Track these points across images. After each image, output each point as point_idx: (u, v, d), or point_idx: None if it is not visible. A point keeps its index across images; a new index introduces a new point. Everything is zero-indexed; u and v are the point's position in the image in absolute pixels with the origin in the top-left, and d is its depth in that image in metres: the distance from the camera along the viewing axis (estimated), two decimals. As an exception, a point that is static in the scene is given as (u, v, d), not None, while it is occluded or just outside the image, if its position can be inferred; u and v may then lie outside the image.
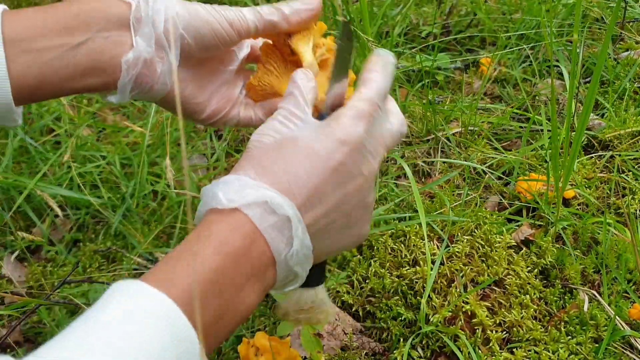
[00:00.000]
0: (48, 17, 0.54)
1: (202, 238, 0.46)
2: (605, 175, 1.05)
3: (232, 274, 0.45)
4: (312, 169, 0.49)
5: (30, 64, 0.53)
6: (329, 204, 0.50)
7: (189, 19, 0.57)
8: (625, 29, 1.44)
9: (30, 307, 0.89)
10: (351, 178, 0.51)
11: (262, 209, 0.46)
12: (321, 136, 0.51)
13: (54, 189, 1.06)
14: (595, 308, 0.83)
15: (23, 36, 0.53)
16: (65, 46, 0.54)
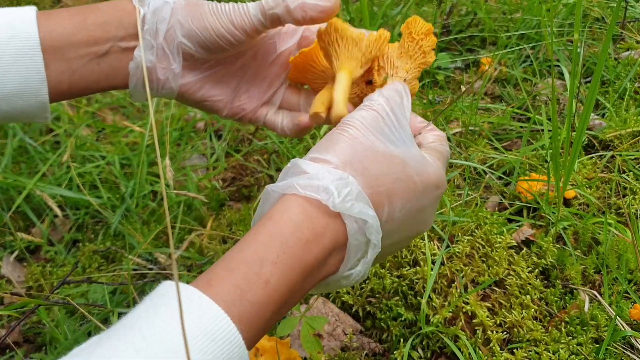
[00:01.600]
0: (78, 27, 0.58)
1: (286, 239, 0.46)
2: (606, 175, 1.05)
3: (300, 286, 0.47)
4: (409, 202, 0.53)
5: (63, 70, 0.59)
6: (398, 238, 0.55)
7: (190, 26, 0.59)
8: (626, 29, 1.44)
9: (30, 307, 0.89)
10: (425, 222, 0.57)
11: (358, 226, 0.49)
12: (425, 173, 0.54)
13: (54, 189, 1.05)
14: (596, 308, 0.83)
15: (57, 45, 0.58)
16: (91, 55, 0.59)
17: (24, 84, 0.56)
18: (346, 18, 1.36)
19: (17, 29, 0.56)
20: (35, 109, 0.59)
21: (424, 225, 0.58)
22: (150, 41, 0.60)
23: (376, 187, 0.50)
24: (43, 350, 0.87)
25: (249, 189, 1.11)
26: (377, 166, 0.51)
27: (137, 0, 0.61)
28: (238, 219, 1.03)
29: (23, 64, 0.56)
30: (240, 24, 0.58)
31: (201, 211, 1.05)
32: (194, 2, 0.60)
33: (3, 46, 0.55)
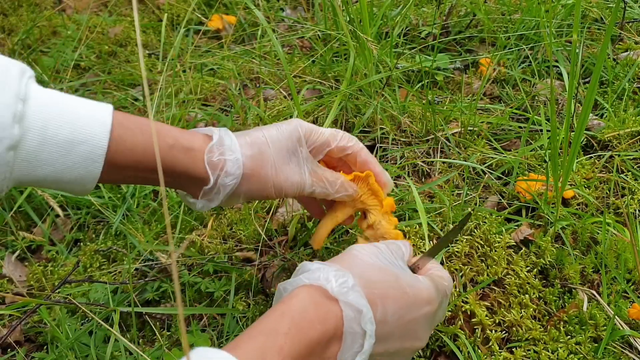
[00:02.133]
0: (149, 156, 0.63)
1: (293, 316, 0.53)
2: (605, 175, 1.06)
3: None
4: (401, 309, 0.59)
5: (118, 179, 0.65)
6: (392, 347, 0.59)
7: (252, 195, 0.70)
8: (625, 30, 1.45)
9: (31, 306, 0.90)
10: (417, 337, 0.62)
11: (354, 315, 0.55)
12: (417, 287, 0.62)
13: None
14: (595, 308, 0.83)
15: (120, 164, 0.62)
16: (150, 180, 0.66)
17: (79, 178, 0.60)
18: (345, 19, 1.37)
19: (91, 136, 0.58)
20: (80, 191, 0.62)
21: (418, 340, 0.62)
22: (211, 202, 0.69)
23: (371, 289, 0.57)
24: (44, 349, 0.88)
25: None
26: (373, 274, 0.60)
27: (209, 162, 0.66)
28: (238, 218, 1.03)
29: (85, 166, 0.59)
30: (292, 196, 0.72)
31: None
32: (259, 173, 0.68)
33: (73, 147, 0.58)
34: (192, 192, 0.69)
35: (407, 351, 0.62)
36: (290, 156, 0.70)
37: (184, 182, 0.68)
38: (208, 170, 0.66)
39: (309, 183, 0.72)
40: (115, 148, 0.60)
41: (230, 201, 0.71)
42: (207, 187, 0.67)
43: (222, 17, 1.64)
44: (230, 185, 0.67)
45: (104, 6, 1.87)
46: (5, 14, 1.87)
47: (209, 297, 0.91)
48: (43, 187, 0.64)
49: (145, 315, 0.90)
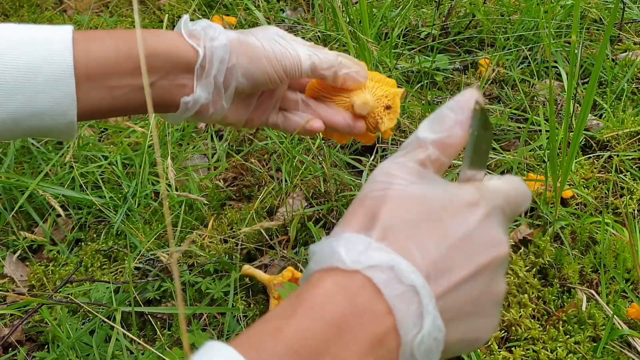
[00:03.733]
0: (121, 56, 0.59)
1: (301, 298, 0.38)
2: (603, 175, 1.06)
3: (334, 341, 0.36)
4: (442, 239, 0.41)
5: (104, 97, 0.60)
6: (459, 277, 0.40)
7: (248, 67, 0.63)
8: (624, 30, 1.45)
9: (33, 306, 0.90)
10: (482, 250, 0.42)
11: (387, 275, 0.38)
12: (452, 198, 0.42)
13: (56, 189, 1.06)
14: (594, 307, 0.84)
15: (99, 73, 0.58)
16: (135, 86, 0.60)
17: (55, 105, 0.57)
18: (345, 20, 1.37)
19: (53, 53, 0.56)
20: (64, 127, 0.59)
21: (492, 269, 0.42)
22: (208, 81, 0.63)
23: (396, 235, 0.40)
24: (45, 349, 0.88)
25: (249, 188, 1.12)
26: (392, 215, 0.41)
27: (190, 35, 0.62)
28: (239, 218, 1.03)
29: (56, 87, 0.56)
30: (291, 73, 0.65)
31: (202, 211, 1.06)
32: (248, 45, 0.63)
33: (38, 69, 0.55)
34: (180, 95, 0.63)
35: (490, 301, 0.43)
36: (272, 39, 0.65)
37: (169, 78, 0.62)
38: (190, 41, 0.62)
39: (304, 53, 0.65)
40: (85, 59, 0.57)
41: (228, 90, 0.64)
42: (198, 64, 0.62)
43: (222, 18, 1.64)
44: (220, 48, 0.62)
45: (105, 7, 1.87)
46: (7, 14, 1.87)
47: (209, 297, 0.91)
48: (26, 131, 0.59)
49: (147, 315, 0.90)
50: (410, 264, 0.38)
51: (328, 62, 0.66)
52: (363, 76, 0.69)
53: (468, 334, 0.43)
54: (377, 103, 0.70)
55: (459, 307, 0.41)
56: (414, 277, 0.38)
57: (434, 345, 0.38)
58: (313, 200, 1.06)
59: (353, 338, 0.36)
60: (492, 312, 0.44)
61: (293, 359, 0.35)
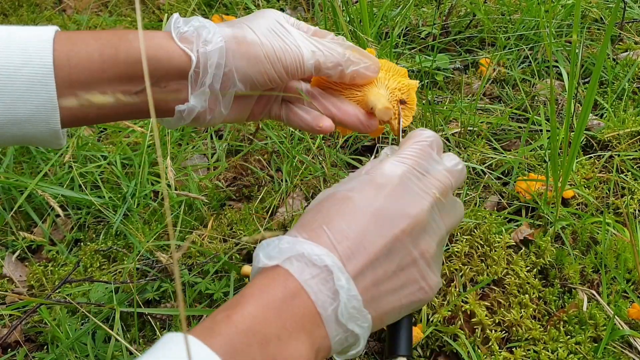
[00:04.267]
0: (107, 61, 0.54)
1: (243, 294, 0.45)
2: (604, 175, 1.06)
3: (274, 325, 0.43)
4: (351, 218, 0.46)
5: (89, 104, 0.55)
6: (375, 251, 0.46)
7: (247, 70, 0.58)
8: (625, 30, 1.45)
9: (31, 306, 0.90)
10: (395, 221, 0.47)
11: (301, 263, 0.45)
12: (359, 185, 0.49)
13: (55, 189, 1.06)
14: (594, 308, 0.83)
15: (82, 79, 0.54)
16: (124, 92, 0.56)
17: (36, 112, 0.53)
18: (345, 20, 1.37)
19: (32, 54, 0.52)
20: (47, 136, 0.55)
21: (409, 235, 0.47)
22: (203, 90, 0.58)
23: (310, 224, 0.47)
24: (44, 349, 0.88)
25: (249, 188, 1.12)
26: (309, 214, 0.49)
27: (181, 39, 0.58)
28: (239, 218, 1.03)
29: (35, 91, 0.52)
30: (293, 73, 0.59)
31: (202, 211, 1.06)
32: (245, 43, 0.58)
33: (16, 71, 0.52)
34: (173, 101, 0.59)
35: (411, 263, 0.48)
36: (272, 30, 0.59)
37: (160, 85, 0.58)
38: (181, 46, 0.56)
39: (307, 49, 0.59)
40: (67, 63, 0.53)
41: (226, 96, 0.60)
42: (192, 70, 0.57)
43: (222, 18, 1.64)
44: (215, 52, 0.57)
45: (104, 6, 1.87)
46: (6, 14, 1.87)
47: (209, 297, 0.91)
48: (8, 139, 0.55)
49: (147, 315, 0.90)
50: (318, 245, 0.45)
51: (334, 59, 0.60)
52: (374, 71, 0.63)
53: (403, 300, 0.48)
54: (391, 97, 0.64)
55: (382, 279, 0.46)
56: (325, 258, 0.44)
57: (355, 313, 0.45)
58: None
59: (287, 318, 0.43)
60: (422, 274, 0.49)
61: (243, 338, 0.41)
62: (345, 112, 0.64)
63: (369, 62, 0.62)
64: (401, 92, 0.65)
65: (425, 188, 0.50)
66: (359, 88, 0.65)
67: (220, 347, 0.40)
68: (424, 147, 0.52)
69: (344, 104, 0.65)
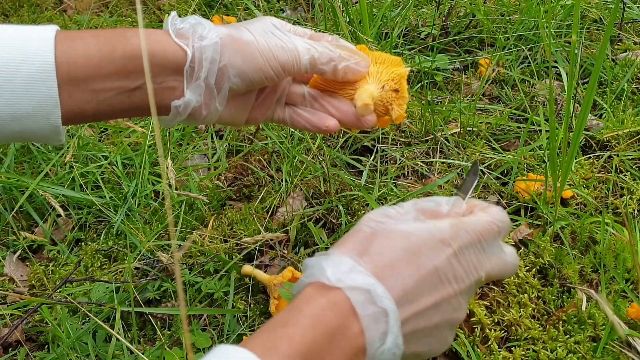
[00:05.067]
0: (104, 57, 0.55)
1: (301, 310, 0.46)
2: (603, 175, 1.06)
3: (326, 350, 0.44)
4: (416, 270, 0.49)
5: (89, 100, 0.56)
6: (423, 305, 0.49)
7: (242, 66, 0.59)
8: (624, 30, 1.45)
9: (32, 306, 0.90)
10: (447, 284, 0.50)
11: (364, 297, 0.46)
12: (427, 234, 0.50)
13: (56, 189, 1.06)
14: (593, 307, 0.84)
15: (82, 76, 0.55)
16: (121, 89, 0.57)
17: (37, 108, 0.54)
18: (345, 20, 1.37)
19: (32, 52, 0.53)
20: (48, 132, 0.56)
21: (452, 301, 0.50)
22: (198, 84, 0.59)
23: (376, 261, 0.49)
24: (45, 348, 0.88)
25: (249, 188, 1.12)
26: (379, 244, 0.50)
27: (177, 34, 0.59)
28: (239, 218, 1.03)
29: (36, 88, 0.53)
30: (289, 69, 0.60)
31: (202, 211, 1.06)
32: (241, 40, 0.59)
33: (17, 67, 0.52)
34: (170, 98, 0.60)
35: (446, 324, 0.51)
36: (268, 31, 0.61)
37: (157, 80, 0.59)
38: (177, 41, 0.58)
39: (302, 46, 0.61)
40: (66, 59, 0.54)
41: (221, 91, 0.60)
42: (187, 65, 0.58)
43: (222, 18, 1.64)
44: (210, 47, 0.58)
45: (105, 7, 1.87)
46: (7, 14, 1.87)
47: (209, 297, 0.91)
48: (9, 136, 0.56)
49: (147, 315, 0.90)
50: (385, 289, 0.46)
51: (327, 55, 0.62)
52: (364, 66, 0.65)
53: (422, 350, 0.51)
54: (384, 89, 0.66)
55: (419, 330, 0.49)
56: (387, 302, 0.46)
57: (392, 358, 0.47)
58: (313, 200, 1.06)
59: (338, 348, 0.45)
60: (447, 334, 0.52)
61: (303, 357, 0.42)
62: (342, 110, 0.66)
63: (359, 58, 0.65)
64: (394, 82, 0.67)
65: (480, 265, 0.52)
66: (352, 85, 0.66)
67: None
68: (494, 227, 0.53)
69: (340, 102, 0.66)
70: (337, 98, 0.67)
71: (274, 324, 0.45)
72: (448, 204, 0.56)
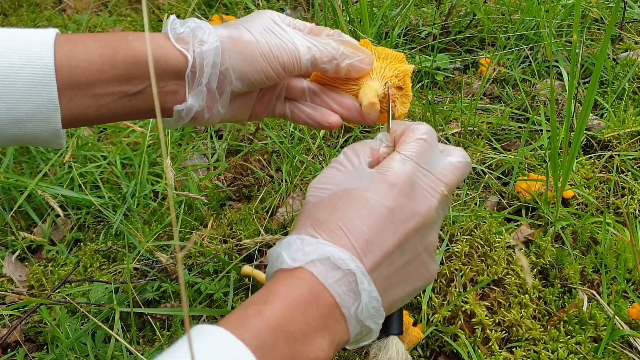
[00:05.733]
0: (106, 62, 0.56)
1: (270, 291, 0.47)
2: (605, 175, 1.06)
3: (300, 323, 0.46)
4: (367, 218, 0.49)
5: (89, 105, 0.56)
6: (389, 249, 0.49)
7: (242, 68, 0.59)
8: (625, 30, 1.45)
9: (31, 306, 0.90)
10: (407, 219, 0.50)
11: (325, 266, 0.47)
12: (372, 184, 0.51)
13: (55, 189, 1.06)
14: (595, 308, 0.83)
15: (83, 81, 0.55)
16: (122, 93, 0.57)
17: (37, 112, 0.54)
18: (346, 19, 1.37)
19: (33, 56, 0.53)
20: (48, 136, 0.57)
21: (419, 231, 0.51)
22: (200, 89, 0.59)
23: (329, 227, 0.49)
24: (44, 349, 0.88)
25: (249, 188, 1.12)
26: (325, 211, 0.51)
27: (177, 39, 0.59)
28: (239, 218, 1.03)
29: (36, 91, 0.53)
30: (290, 69, 0.60)
31: (202, 211, 1.06)
32: (241, 42, 0.59)
33: (17, 72, 0.53)
34: (171, 102, 0.60)
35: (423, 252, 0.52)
36: (268, 29, 0.60)
37: (158, 85, 0.59)
38: (177, 46, 0.58)
39: (303, 45, 0.60)
40: (67, 63, 0.54)
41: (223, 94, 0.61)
42: (188, 70, 0.58)
43: (222, 18, 1.64)
44: (210, 52, 0.58)
45: (104, 6, 1.87)
46: (6, 14, 1.87)
47: (209, 297, 0.91)
48: (9, 139, 0.56)
49: (147, 315, 0.90)
50: (342, 249, 0.48)
51: (329, 54, 0.61)
52: (368, 63, 0.64)
53: (406, 290, 0.52)
54: (387, 85, 0.65)
55: (392, 273, 0.50)
56: (349, 262, 0.47)
57: (374, 311, 0.48)
58: (313, 200, 1.06)
59: (312, 317, 0.46)
60: (428, 264, 0.53)
61: (272, 333, 0.44)
62: (345, 106, 0.65)
63: (362, 55, 0.64)
64: (398, 78, 0.66)
65: (433, 185, 0.53)
66: (355, 81, 0.65)
67: (251, 342, 0.42)
68: (424, 143, 0.54)
69: (343, 98, 0.66)
70: (340, 93, 0.66)
71: (245, 304, 0.46)
72: (377, 140, 0.58)
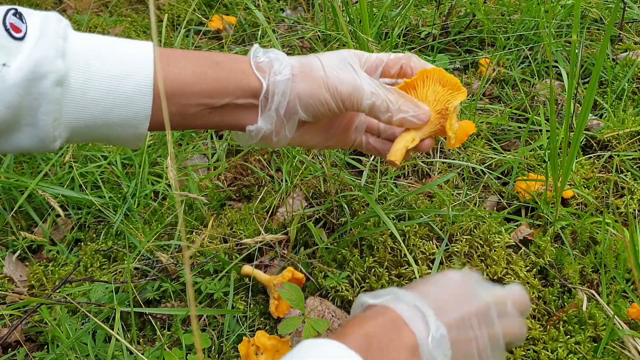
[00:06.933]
0: (198, 79, 0.63)
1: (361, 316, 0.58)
2: (604, 175, 1.06)
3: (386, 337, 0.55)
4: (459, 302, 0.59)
5: (175, 113, 0.63)
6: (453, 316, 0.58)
7: (309, 100, 0.66)
8: (624, 30, 1.45)
9: (32, 306, 0.90)
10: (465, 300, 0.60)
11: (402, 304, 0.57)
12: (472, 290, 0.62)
13: (56, 189, 1.06)
14: (594, 307, 0.84)
15: (175, 92, 0.62)
16: (206, 105, 0.64)
17: (130, 118, 0.59)
18: (345, 20, 1.37)
19: (136, 69, 0.58)
20: (132, 138, 0.62)
21: None
22: (270, 114, 0.66)
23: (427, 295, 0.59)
24: (45, 349, 0.88)
25: (249, 188, 1.12)
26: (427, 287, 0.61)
27: (257, 67, 0.66)
28: (239, 218, 1.03)
29: (134, 101, 0.59)
30: (350, 108, 0.67)
31: (202, 211, 1.06)
32: (310, 74, 0.65)
33: (119, 82, 0.58)
34: (245, 120, 0.68)
35: None
36: (341, 65, 0.67)
37: (239, 101, 0.66)
38: (257, 74, 0.65)
39: (368, 89, 0.66)
40: (164, 76, 0.61)
41: (290, 121, 0.68)
42: (262, 96, 0.66)
43: (222, 18, 1.64)
44: (282, 82, 0.65)
45: (105, 6, 1.87)
46: (6, 14, 1.87)
47: (209, 297, 0.91)
48: (95, 138, 0.62)
49: (147, 315, 0.90)
50: (424, 300, 0.57)
51: (386, 107, 0.67)
52: (421, 119, 0.69)
53: None
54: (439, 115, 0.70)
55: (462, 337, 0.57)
56: (417, 302, 0.57)
57: (441, 339, 0.55)
58: (313, 200, 1.06)
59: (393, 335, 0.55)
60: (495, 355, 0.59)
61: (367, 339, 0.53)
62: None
63: (418, 111, 0.69)
64: (442, 116, 0.71)
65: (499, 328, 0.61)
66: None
67: (353, 346, 0.52)
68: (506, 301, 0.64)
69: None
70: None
71: (343, 326, 0.57)
72: None
